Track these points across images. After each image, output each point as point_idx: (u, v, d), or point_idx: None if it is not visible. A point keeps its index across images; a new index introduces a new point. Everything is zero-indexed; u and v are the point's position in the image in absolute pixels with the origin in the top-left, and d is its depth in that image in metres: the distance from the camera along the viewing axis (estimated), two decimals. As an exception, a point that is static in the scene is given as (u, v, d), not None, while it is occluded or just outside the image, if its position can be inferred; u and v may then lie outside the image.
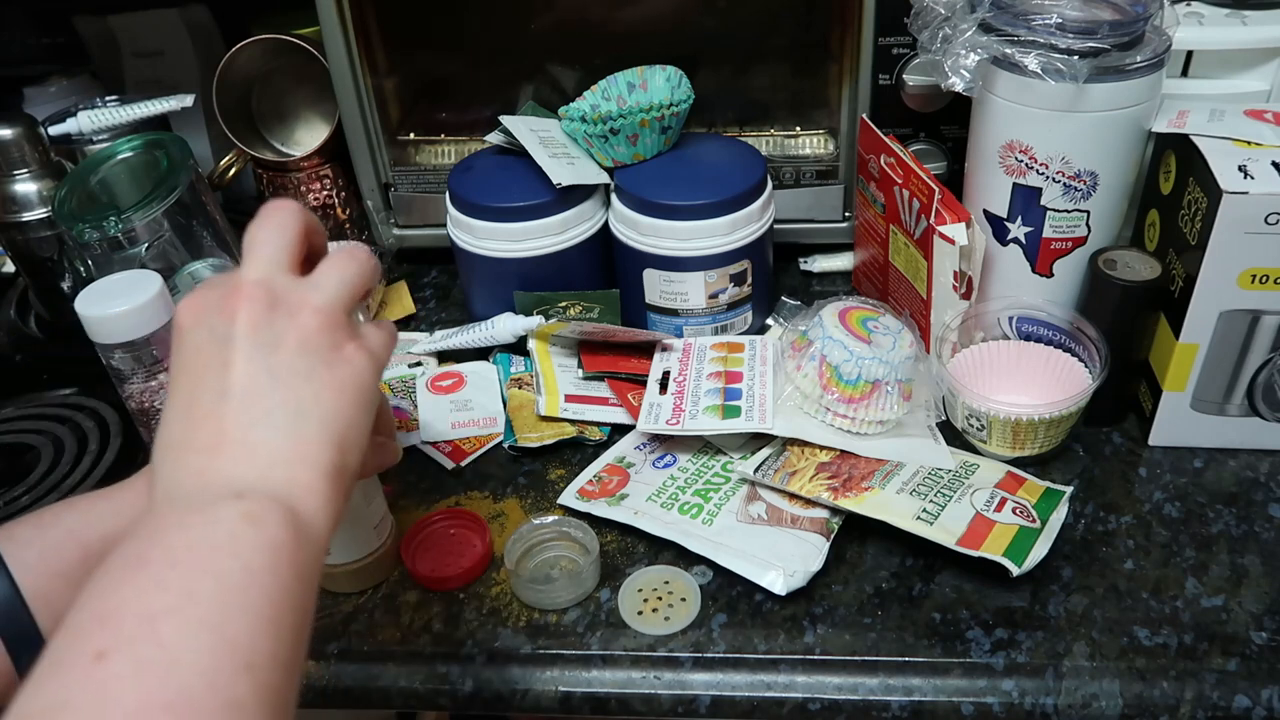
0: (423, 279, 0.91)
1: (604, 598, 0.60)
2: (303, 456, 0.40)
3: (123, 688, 0.32)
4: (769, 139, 0.85)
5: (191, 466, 0.40)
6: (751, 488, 0.64)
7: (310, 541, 0.39)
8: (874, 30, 0.76)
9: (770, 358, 0.72)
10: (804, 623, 0.57)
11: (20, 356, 0.88)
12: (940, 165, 0.82)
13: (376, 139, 0.86)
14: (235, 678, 0.33)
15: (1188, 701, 0.53)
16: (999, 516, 0.59)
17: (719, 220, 0.72)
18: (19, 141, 0.79)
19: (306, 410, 0.41)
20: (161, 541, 0.37)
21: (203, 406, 0.41)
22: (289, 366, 0.41)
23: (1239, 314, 0.61)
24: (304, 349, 0.42)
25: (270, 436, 0.40)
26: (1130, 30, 0.62)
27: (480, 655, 0.57)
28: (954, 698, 0.54)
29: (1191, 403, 0.65)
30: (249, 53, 0.88)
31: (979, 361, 0.70)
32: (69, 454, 0.74)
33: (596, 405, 0.72)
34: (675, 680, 0.56)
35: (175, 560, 0.36)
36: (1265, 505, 0.63)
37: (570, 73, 0.84)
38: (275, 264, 0.44)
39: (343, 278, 0.45)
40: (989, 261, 0.71)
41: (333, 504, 0.41)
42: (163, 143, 0.75)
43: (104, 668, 0.32)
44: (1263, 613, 0.56)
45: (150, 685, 0.32)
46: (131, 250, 0.70)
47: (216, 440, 0.40)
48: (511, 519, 0.66)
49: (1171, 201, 0.64)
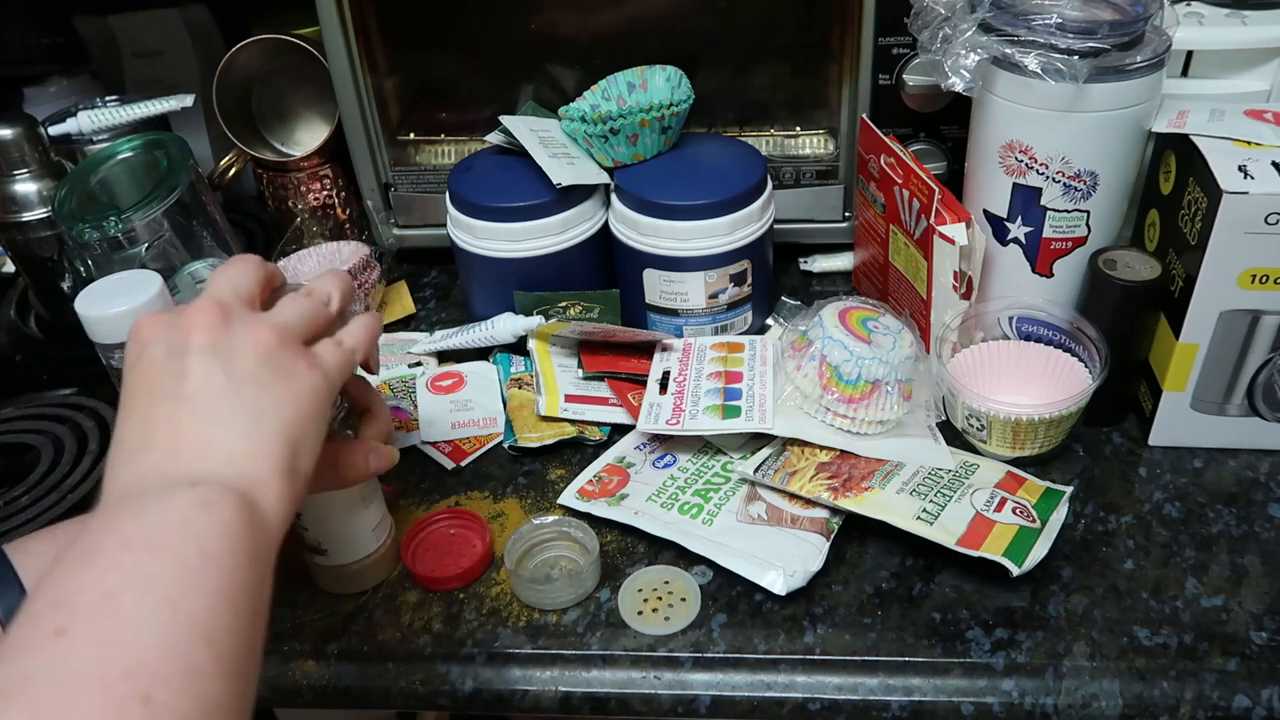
0: (423, 279, 0.91)
1: (604, 598, 0.60)
2: (259, 454, 0.42)
3: (83, 658, 0.33)
4: (769, 139, 0.85)
5: (148, 464, 0.41)
6: (751, 488, 0.64)
7: (263, 530, 0.40)
8: (874, 30, 0.76)
9: (770, 358, 0.72)
10: (804, 623, 0.57)
11: (20, 356, 0.88)
12: (940, 165, 0.82)
13: (376, 139, 0.86)
14: (194, 648, 0.35)
15: (1188, 701, 0.53)
16: (999, 516, 0.59)
17: (719, 220, 0.72)
18: (19, 141, 0.80)
19: (263, 415, 0.42)
20: (117, 529, 0.37)
21: (161, 411, 0.42)
22: (246, 375, 0.43)
23: (1239, 314, 0.61)
24: (261, 361, 0.43)
25: (227, 436, 0.41)
26: (1130, 30, 0.62)
27: (480, 655, 0.57)
28: (954, 698, 0.54)
29: (1191, 403, 0.65)
30: (249, 53, 0.88)
31: (979, 361, 0.70)
32: (69, 454, 0.74)
33: (596, 405, 0.72)
34: (675, 680, 0.56)
35: (129, 544, 0.37)
36: (1265, 505, 0.63)
37: (570, 73, 0.84)
38: (234, 291, 0.46)
39: (298, 308, 0.47)
40: (989, 261, 0.71)
41: (286, 501, 0.42)
42: (163, 143, 0.75)
43: (64, 641, 0.33)
44: (1263, 613, 0.56)
45: (110, 655, 0.33)
46: (131, 250, 0.71)
47: (174, 440, 0.41)
48: (511, 519, 0.66)
49: (1171, 201, 0.64)
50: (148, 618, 0.34)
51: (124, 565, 0.36)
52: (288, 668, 0.58)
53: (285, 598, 0.61)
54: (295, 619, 0.60)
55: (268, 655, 0.58)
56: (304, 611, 0.60)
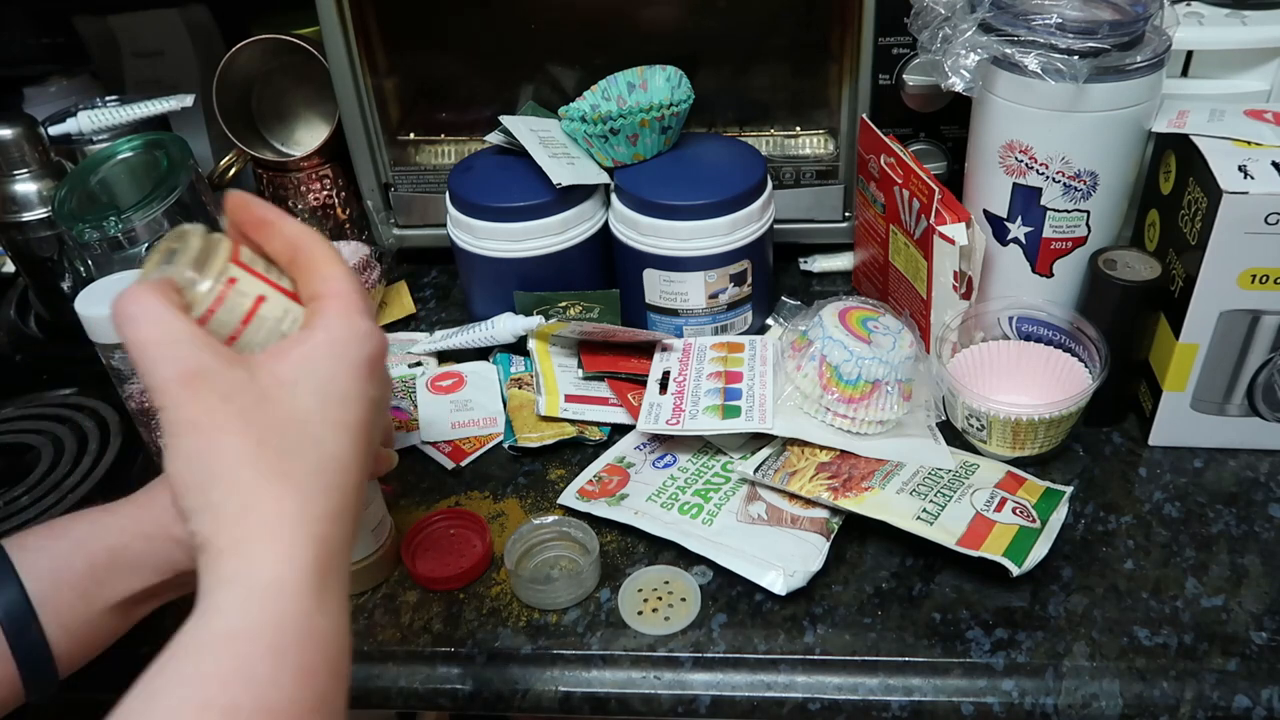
0: (423, 279, 0.91)
1: (604, 598, 0.60)
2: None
3: None
4: (769, 139, 0.85)
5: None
6: (751, 488, 0.64)
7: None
8: (874, 30, 0.76)
9: (770, 358, 0.72)
10: (804, 623, 0.57)
11: (20, 356, 0.88)
12: (940, 165, 0.82)
13: (376, 139, 0.86)
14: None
15: (1188, 701, 0.53)
16: (999, 516, 0.59)
17: (719, 220, 0.72)
18: (19, 141, 0.79)
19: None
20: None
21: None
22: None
23: (1239, 314, 0.61)
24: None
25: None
26: (1130, 30, 0.62)
27: (480, 655, 0.57)
28: (954, 698, 0.54)
29: (1191, 403, 0.65)
30: (249, 53, 0.88)
31: (979, 361, 0.70)
32: (69, 454, 0.74)
33: (596, 405, 0.72)
34: (675, 680, 0.56)
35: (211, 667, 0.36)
36: (1265, 505, 0.63)
37: (570, 73, 0.84)
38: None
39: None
40: (989, 261, 0.71)
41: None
42: (163, 143, 0.75)
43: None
44: (1263, 613, 0.56)
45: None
46: (131, 250, 0.71)
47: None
48: (511, 519, 0.66)
49: (1171, 201, 0.64)
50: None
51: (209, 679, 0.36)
52: (288, 668, 0.58)
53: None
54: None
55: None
56: (304, 611, 0.60)
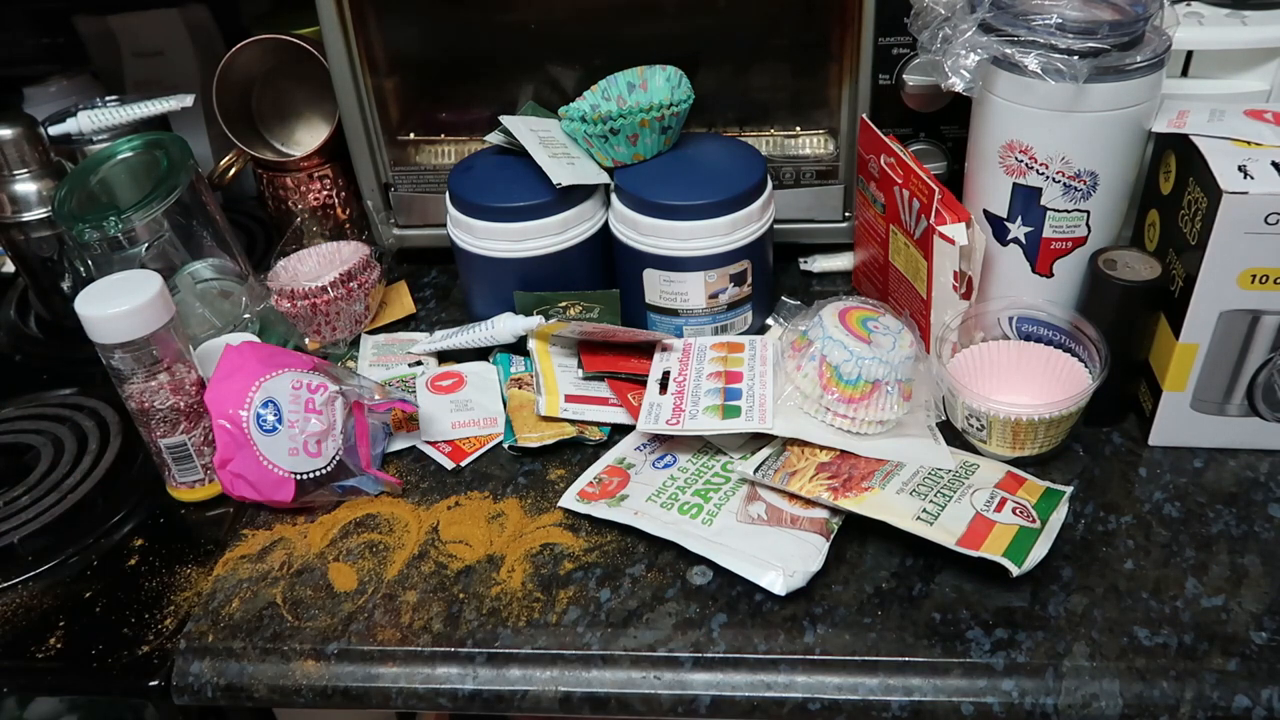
0: (423, 279, 0.91)
1: (604, 598, 0.60)
2: None
3: None
4: (769, 139, 0.85)
5: None
6: (751, 488, 0.64)
7: None
8: (874, 30, 0.76)
9: (770, 358, 0.72)
10: (804, 623, 0.57)
11: (20, 356, 0.88)
12: (940, 165, 0.82)
13: (376, 139, 0.86)
14: None
15: (1188, 701, 0.53)
16: (999, 516, 0.59)
17: (719, 220, 0.72)
18: (19, 141, 0.80)
19: None
20: None
21: None
22: None
23: (1239, 314, 0.61)
24: None
25: None
26: (1130, 30, 0.62)
27: (480, 655, 0.57)
28: (954, 698, 0.54)
29: (1191, 403, 0.65)
30: (249, 53, 0.88)
31: (979, 361, 0.70)
32: (69, 454, 0.74)
33: (596, 405, 0.72)
34: (675, 680, 0.56)
35: None
36: (1265, 505, 0.63)
37: (570, 73, 0.84)
38: None
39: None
40: (989, 261, 0.71)
41: None
42: (163, 143, 0.75)
43: None
44: (1263, 613, 0.56)
45: None
46: (131, 250, 0.71)
47: None
48: (511, 519, 0.66)
49: (1171, 201, 0.64)
50: None
51: None
52: (287, 668, 0.58)
53: (286, 597, 0.61)
54: (295, 619, 0.60)
55: (268, 655, 0.58)
56: (304, 611, 0.60)
